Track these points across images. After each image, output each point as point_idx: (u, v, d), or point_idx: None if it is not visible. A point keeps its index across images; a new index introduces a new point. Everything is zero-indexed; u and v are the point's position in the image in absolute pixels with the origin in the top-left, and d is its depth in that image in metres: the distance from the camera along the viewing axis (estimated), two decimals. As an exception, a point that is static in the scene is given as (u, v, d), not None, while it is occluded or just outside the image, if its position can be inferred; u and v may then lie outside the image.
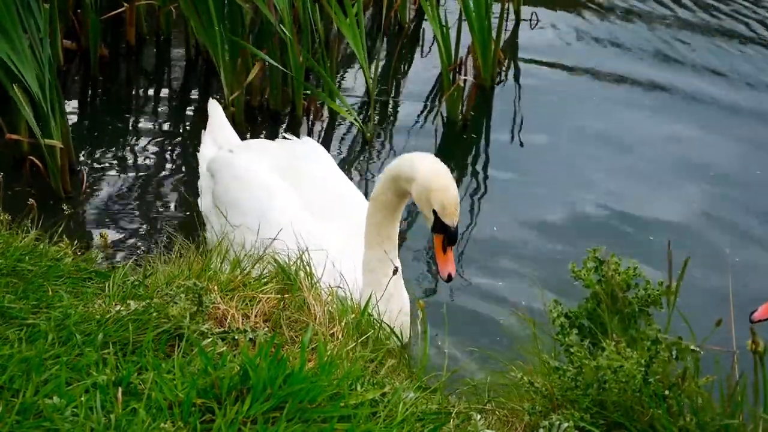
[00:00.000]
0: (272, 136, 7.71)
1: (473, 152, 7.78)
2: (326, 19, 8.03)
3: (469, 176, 7.43)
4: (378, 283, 4.60)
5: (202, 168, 5.94)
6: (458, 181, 7.33)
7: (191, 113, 8.05)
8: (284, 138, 6.00)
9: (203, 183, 5.87)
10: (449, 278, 4.53)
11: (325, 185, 5.43)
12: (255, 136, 7.73)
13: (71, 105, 7.86)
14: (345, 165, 7.40)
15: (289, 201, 5.27)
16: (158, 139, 7.63)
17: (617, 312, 3.36)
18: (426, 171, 4.45)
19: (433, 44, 8.72)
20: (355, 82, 8.51)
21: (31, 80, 6.32)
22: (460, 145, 7.79)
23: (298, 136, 7.70)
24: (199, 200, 5.87)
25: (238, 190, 5.43)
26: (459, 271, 6.19)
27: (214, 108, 6.28)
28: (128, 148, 7.49)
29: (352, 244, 4.90)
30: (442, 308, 5.04)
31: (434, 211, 4.43)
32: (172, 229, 5.99)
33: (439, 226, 4.45)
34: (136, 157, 7.35)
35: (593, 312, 3.39)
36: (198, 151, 6.16)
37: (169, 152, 7.49)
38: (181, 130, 7.80)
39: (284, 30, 7.22)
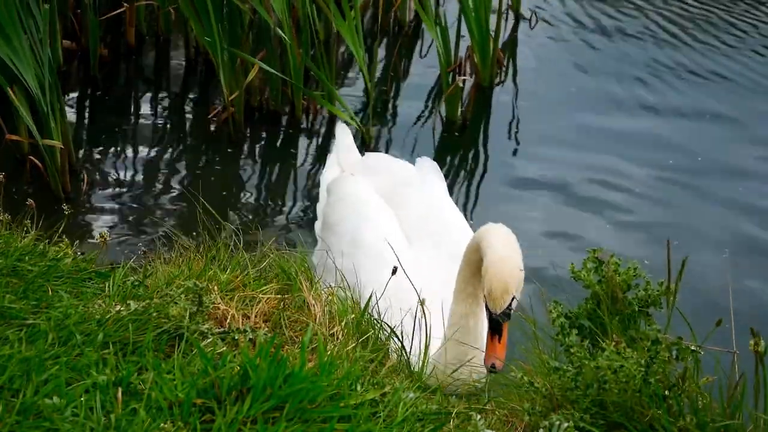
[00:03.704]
0: (272, 136, 7.73)
1: (472, 153, 7.78)
2: (325, 18, 8.04)
3: (468, 176, 7.43)
4: (457, 341, 4.25)
5: (322, 190, 5.78)
6: (457, 182, 7.34)
7: (191, 113, 8.05)
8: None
9: (320, 206, 5.72)
10: (492, 369, 3.99)
11: (430, 211, 5.21)
12: (255, 136, 7.74)
13: (71, 105, 7.86)
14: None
15: (385, 225, 5.07)
16: (158, 140, 7.63)
17: (617, 312, 3.36)
18: (496, 256, 4.05)
19: (432, 44, 8.73)
20: (354, 82, 8.52)
21: (30, 81, 6.32)
22: (459, 145, 7.79)
23: (297, 136, 7.77)
24: (315, 223, 5.73)
25: (338, 212, 5.29)
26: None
27: (342, 131, 6.13)
28: (128, 148, 7.49)
29: (443, 274, 4.63)
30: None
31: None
32: (172, 229, 5.99)
33: (487, 307, 4.07)
34: (136, 158, 7.36)
35: (593, 312, 3.39)
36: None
37: (168, 152, 7.49)
38: (181, 130, 7.80)
39: (283, 34, 7.22)
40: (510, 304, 4.01)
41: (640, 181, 7.25)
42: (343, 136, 6.09)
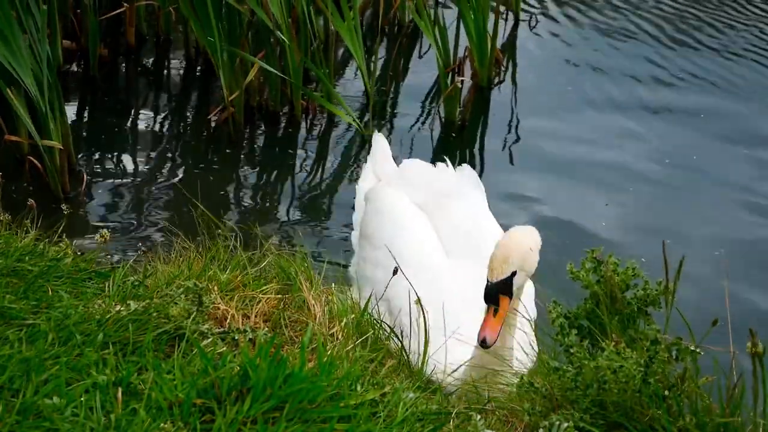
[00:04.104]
0: (271, 136, 7.73)
1: (471, 153, 7.78)
2: (324, 18, 8.04)
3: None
4: (485, 361, 4.11)
5: (359, 200, 5.68)
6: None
7: (191, 113, 8.06)
8: (443, 162, 5.75)
9: (357, 216, 5.62)
10: (483, 343, 3.93)
11: (468, 222, 5.13)
12: (254, 135, 7.74)
13: (70, 105, 7.85)
14: (343, 165, 7.42)
15: (423, 237, 5.02)
16: (158, 139, 7.63)
17: (616, 312, 3.37)
18: (508, 234, 4.11)
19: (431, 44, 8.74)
20: (354, 81, 8.51)
21: (29, 81, 6.32)
22: (458, 146, 7.80)
23: (297, 136, 7.77)
24: (352, 234, 5.63)
25: (375, 223, 5.20)
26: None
27: (379, 140, 6.03)
28: (128, 148, 7.49)
29: (481, 286, 4.44)
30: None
31: None
32: (172, 229, 5.99)
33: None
34: (135, 158, 7.36)
35: (592, 312, 3.40)
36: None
37: (168, 152, 7.50)
38: (180, 130, 7.80)
39: (282, 36, 7.23)
40: (510, 279, 3.95)
41: (638, 179, 7.25)
42: (380, 145, 5.97)
